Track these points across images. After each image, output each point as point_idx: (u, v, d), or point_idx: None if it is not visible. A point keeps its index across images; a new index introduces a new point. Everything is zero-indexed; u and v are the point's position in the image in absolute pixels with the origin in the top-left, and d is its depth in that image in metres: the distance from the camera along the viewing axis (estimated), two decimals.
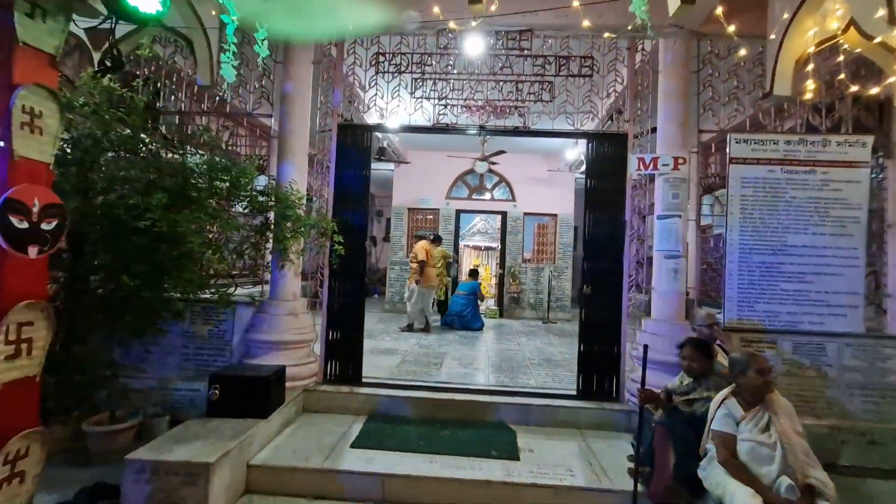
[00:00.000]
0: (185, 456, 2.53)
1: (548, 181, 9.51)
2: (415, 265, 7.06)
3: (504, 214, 9.70)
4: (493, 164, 8.57)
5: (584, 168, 8.17)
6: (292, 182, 3.82)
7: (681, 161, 3.79)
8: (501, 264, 9.74)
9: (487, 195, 9.88)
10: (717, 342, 3.28)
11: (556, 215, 9.63)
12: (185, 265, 3.28)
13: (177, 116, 4.10)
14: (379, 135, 7.50)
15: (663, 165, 3.82)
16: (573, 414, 3.71)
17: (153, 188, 3.34)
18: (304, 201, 3.82)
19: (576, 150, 8.20)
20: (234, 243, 3.47)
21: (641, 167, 3.89)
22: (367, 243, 13.21)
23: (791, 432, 2.32)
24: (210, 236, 3.46)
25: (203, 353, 3.93)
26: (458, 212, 9.74)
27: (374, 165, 10.56)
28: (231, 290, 3.97)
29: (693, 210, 3.96)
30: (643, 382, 2.86)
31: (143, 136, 3.46)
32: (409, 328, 7.17)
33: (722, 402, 2.48)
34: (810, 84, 3.19)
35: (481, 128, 4.05)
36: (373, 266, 14.50)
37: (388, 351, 5.64)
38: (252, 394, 3.14)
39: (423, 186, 9.65)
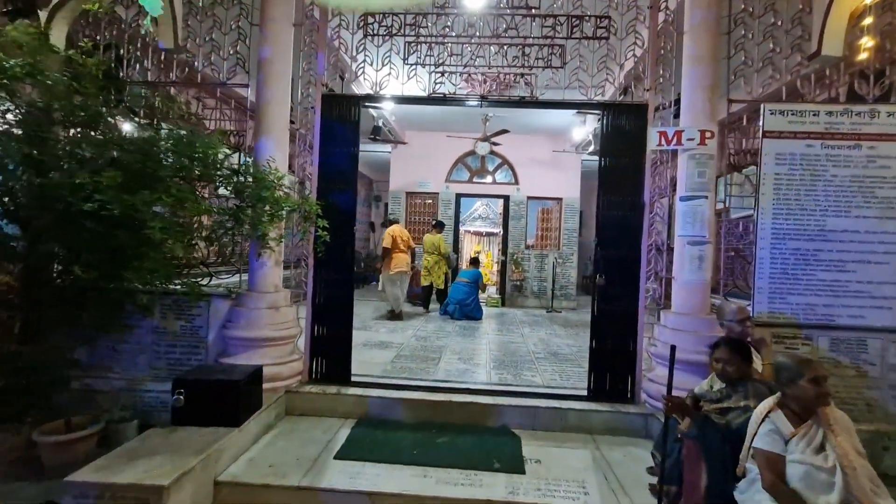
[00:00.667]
0: (136, 477, 2.17)
1: (553, 163, 9.05)
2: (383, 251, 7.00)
3: (506, 198, 9.27)
4: (496, 144, 8.12)
5: (592, 148, 7.75)
6: (270, 160, 3.40)
7: (708, 135, 3.36)
8: (504, 251, 9.34)
9: (489, 178, 9.44)
10: (748, 340, 2.89)
11: (560, 199, 9.21)
12: (146, 254, 2.89)
13: (143, 88, 3.65)
14: (374, 113, 7.05)
15: (688, 140, 3.39)
16: (584, 417, 3.35)
17: (108, 166, 2.93)
18: (284, 181, 3.41)
19: (583, 130, 7.73)
20: (204, 229, 3.07)
21: (663, 142, 3.46)
22: (365, 229, 12.73)
23: (853, 453, 1.94)
24: (180, 221, 3.06)
25: (175, 350, 3.56)
26: (459, 196, 9.32)
27: (370, 147, 10.15)
28: (205, 281, 3.61)
29: (717, 191, 3.55)
30: (669, 388, 2.48)
31: (100, 108, 3.05)
32: (392, 315, 6.97)
33: (766, 415, 2.10)
34: (866, 42, 2.73)
35: (482, 98, 3.61)
36: (371, 252, 14.14)
37: (381, 344, 5.28)
38: (223, 399, 2.78)
39: (422, 169, 9.21)
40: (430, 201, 9.46)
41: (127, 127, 3.35)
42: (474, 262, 8.07)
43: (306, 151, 3.68)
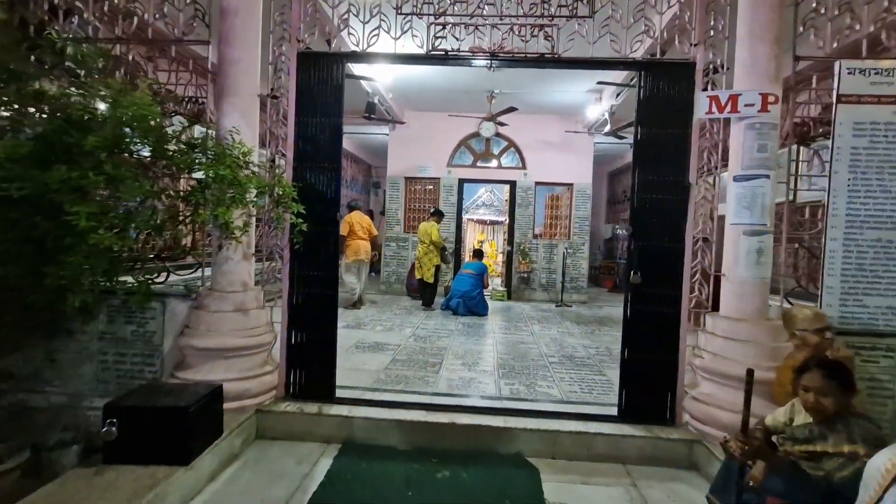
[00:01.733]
0: None
1: (563, 146, 8.38)
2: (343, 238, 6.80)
3: (513, 184, 8.63)
4: (502, 125, 7.47)
5: (608, 128, 7.09)
6: (234, 131, 2.78)
7: (771, 100, 2.71)
8: (510, 240, 8.72)
9: (494, 162, 8.79)
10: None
11: (571, 185, 8.56)
12: (72, 245, 2.30)
13: (83, 45, 3.01)
14: (367, 88, 6.39)
15: (746, 106, 2.75)
16: (616, 444, 2.77)
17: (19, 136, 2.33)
18: (252, 157, 2.79)
19: (598, 108, 7.05)
20: (144, 215, 2.46)
21: (714, 109, 2.82)
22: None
23: None
24: (117, 205, 2.45)
25: (126, 360, 2.99)
26: (462, 181, 8.67)
27: (366, 128, 9.45)
28: (162, 277, 3.02)
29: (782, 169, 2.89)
30: (745, 424, 1.88)
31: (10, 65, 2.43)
32: (354, 305, 6.79)
33: None
34: None
35: (492, 56, 2.95)
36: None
37: (376, 346, 4.69)
38: (168, 430, 2.20)
39: (422, 152, 8.55)
40: (431, 187, 8.82)
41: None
42: (478, 253, 7.51)
43: (280, 122, 3.05)
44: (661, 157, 2.92)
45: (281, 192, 2.86)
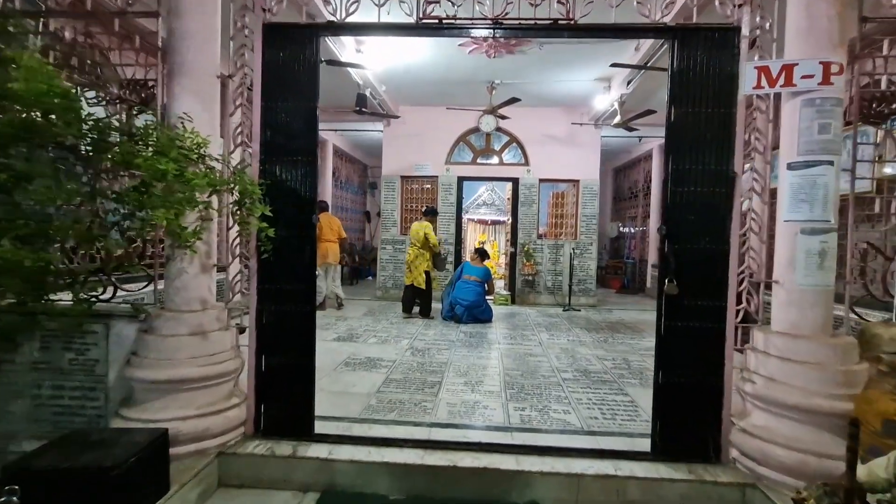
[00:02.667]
0: None
1: (568, 140, 7.91)
2: None
3: (515, 181, 8.15)
4: (503, 118, 6.99)
5: (617, 119, 6.60)
6: (184, 118, 2.30)
7: (835, 69, 2.23)
8: (513, 241, 8.24)
9: (495, 159, 8.31)
10: None
11: (577, 181, 8.09)
12: None
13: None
14: (358, 80, 5.91)
15: (804, 78, 2.26)
16: (653, 490, 2.28)
17: None
18: (207, 149, 2.31)
19: (606, 98, 6.57)
20: (63, 222, 1.98)
21: (763, 83, 2.33)
22: (360, 218, 11.55)
23: None
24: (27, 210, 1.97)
25: (63, 395, 2.50)
26: (461, 179, 8.20)
27: (359, 125, 8.96)
28: (105, 293, 2.53)
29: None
30: (850, 497, 1.40)
31: None
32: (321, 306, 6.69)
33: None
34: None
35: (495, 23, 2.46)
36: (367, 244, 13.09)
37: (368, 363, 4.21)
38: (90, 498, 1.71)
39: (419, 150, 8.08)
40: (429, 186, 8.34)
41: None
42: (481, 254, 6.92)
43: (244, 108, 2.57)
44: (699, 142, 2.44)
45: (243, 191, 2.38)
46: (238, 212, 2.42)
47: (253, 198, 2.39)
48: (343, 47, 5.07)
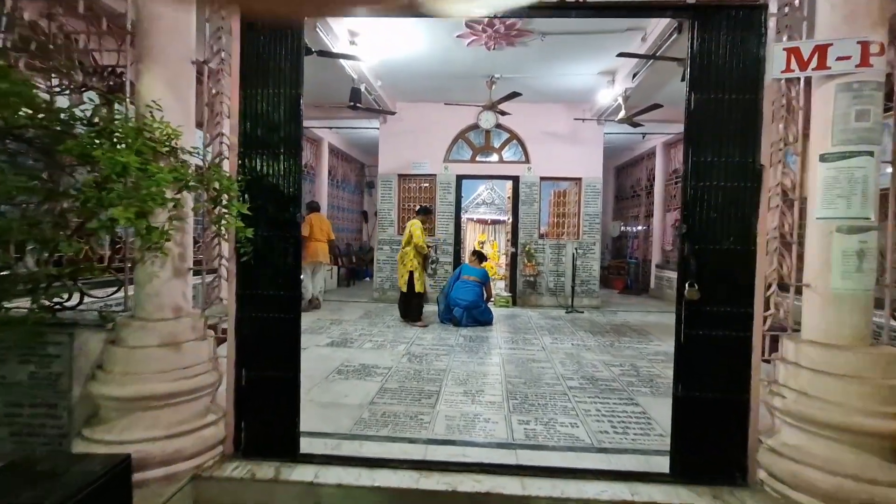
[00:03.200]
0: None
1: (570, 137, 7.69)
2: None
3: (516, 180, 7.93)
4: (503, 114, 6.76)
5: (622, 115, 6.38)
6: (153, 106, 2.07)
7: (874, 50, 2.01)
8: (513, 241, 8.01)
9: (495, 156, 8.08)
10: None
11: (580, 179, 7.87)
12: None
13: None
14: (352, 74, 5.68)
15: (839, 60, 2.04)
16: None
17: None
18: (180, 140, 2.08)
19: (610, 93, 6.35)
20: (6, 223, 1.75)
21: (794, 65, 2.12)
22: (358, 218, 11.38)
23: None
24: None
25: (21, 414, 2.27)
26: (460, 178, 7.97)
27: (355, 123, 8.73)
28: (71, 299, 2.30)
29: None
30: None
31: None
32: (310, 304, 6.83)
33: None
34: None
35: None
36: (365, 245, 12.88)
37: (363, 370, 3.98)
38: None
39: (416, 147, 7.86)
40: (427, 185, 8.11)
41: None
42: (479, 256, 6.74)
43: (221, 97, 2.34)
44: (722, 132, 2.21)
45: (222, 187, 2.15)
46: (213, 210, 2.19)
47: (229, 195, 2.17)
48: (336, 39, 4.85)
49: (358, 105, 5.81)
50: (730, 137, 2.21)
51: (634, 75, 5.53)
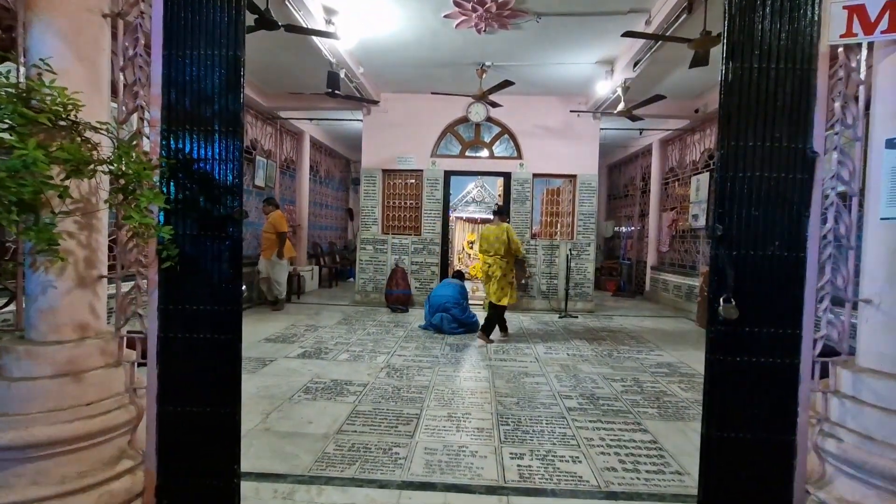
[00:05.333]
0: None
1: (565, 131, 7.30)
2: (271, 236, 6.65)
3: (507, 176, 7.53)
4: (494, 105, 6.34)
5: (621, 107, 5.96)
6: (40, 66, 1.59)
7: None
8: None
9: (485, 152, 7.69)
10: None
11: (574, 176, 7.48)
12: None
13: None
14: (330, 57, 5.21)
15: None
16: None
17: None
18: (78, 112, 1.60)
19: (608, 84, 5.95)
20: None
21: (857, 28, 1.70)
22: (342, 216, 10.99)
23: None
24: None
25: None
26: (448, 174, 7.55)
27: (339, 115, 8.16)
28: None
29: None
30: None
31: None
32: (278, 304, 6.82)
33: None
34: None
35: None
36: (350, 244, 12.39)
37: (334, 388, 3.51)
38: None
39: (402, 141, 7.41)
40: (413, 181, 7.65)
41: None
42: (458, 274, 6.71)
43: (139, 59, 1.85)
44: (765, 110, 1.78)
45: (132, 175, 1.66)
46: (123, 202, 1.71)
47: (144, 183, 1.68)
48: (309, 15, 4.35)
49: (337, 92, 5.32)
50: (775, 117, 1.78)
51: (636, 64, 5.13)
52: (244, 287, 1.84)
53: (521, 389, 3.62)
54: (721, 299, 1.79)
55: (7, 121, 1.46)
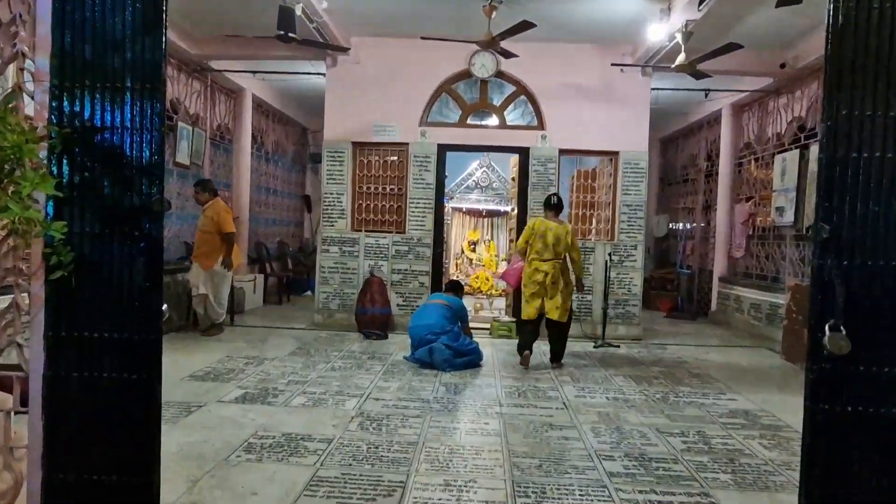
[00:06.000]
0: None
1: (603, 92, 7.50)
2: (212, 237, 6.68)
3: (524, 152, 7.73)
4: (507, 56, 6.42)
5: (681, 59, 6.04)
6: None
7: None
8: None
9: (494, 119, 7.92)
10: None
11: (615, 154, 7.63)
12: None
13: None
14: None
15: None
16: None
17: None
18: None
19: (665, 28, 6.05)
20: None
21: None
22: (296, 205, 11.39)
23: None
24: None
25: None
26: (443, 148, 7.73)
27: (292, 66, 8.26)
28: None
29: None
30: None
31: None
32: (214, 328, 6.82)
33: None
34: None
35: None
36: (305, 244, 12.40)
37: (289, 443, 3.50)
38: None
39: (380, 103, 7.61)
40: (396, 158, 7.80)
41: None
42: (454, 287, 6.87)
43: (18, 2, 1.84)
44: (893, 66, 1.79)
45: (8, 148, 1.63)
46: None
47: (27, 161, 1.65)
48: None
49: (291, 35, 5.32)
50: None
51: (701, 1, 5.21)
52: (165, 307, 1.81)
53: (545, 447, 3.65)
54: (827, 327, 1.80)
55: None
